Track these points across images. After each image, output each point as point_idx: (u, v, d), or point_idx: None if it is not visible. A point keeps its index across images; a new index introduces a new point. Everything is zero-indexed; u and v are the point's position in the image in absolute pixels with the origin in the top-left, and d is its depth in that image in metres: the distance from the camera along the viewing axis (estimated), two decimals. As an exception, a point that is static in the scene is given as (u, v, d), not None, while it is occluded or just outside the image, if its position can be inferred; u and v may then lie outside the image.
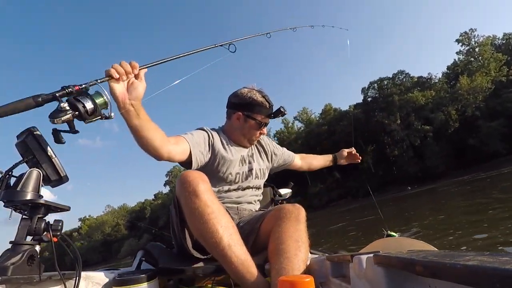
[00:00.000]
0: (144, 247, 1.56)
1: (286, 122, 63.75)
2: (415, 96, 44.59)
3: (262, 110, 1.61)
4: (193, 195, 1.17)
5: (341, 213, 23.59)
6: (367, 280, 0.78)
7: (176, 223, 1.37)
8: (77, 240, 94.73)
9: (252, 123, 1.60)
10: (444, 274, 0.46)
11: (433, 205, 12.93)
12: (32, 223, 0.99)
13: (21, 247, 0.96)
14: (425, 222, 8.16)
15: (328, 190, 48.35)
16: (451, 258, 0.48)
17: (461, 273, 0.42)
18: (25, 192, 1.00)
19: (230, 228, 1.19)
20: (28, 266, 0.95)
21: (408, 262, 0.57)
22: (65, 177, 1.13)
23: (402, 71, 50.45)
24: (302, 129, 62.10)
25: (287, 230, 1.22)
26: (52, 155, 1.09)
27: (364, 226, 11.10)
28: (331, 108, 58.09)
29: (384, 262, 0.69)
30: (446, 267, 0.45)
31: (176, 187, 1.28)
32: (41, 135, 1.09)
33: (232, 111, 1.64)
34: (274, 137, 63.45)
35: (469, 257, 0.47)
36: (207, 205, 1.17)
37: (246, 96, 1.60)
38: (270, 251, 1.22)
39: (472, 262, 0.42)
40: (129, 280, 1.09)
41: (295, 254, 1.15)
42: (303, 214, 1.32)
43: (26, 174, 1.03)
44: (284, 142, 61.26)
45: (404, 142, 43.69)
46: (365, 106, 50.27)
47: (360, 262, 0.82)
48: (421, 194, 22.51)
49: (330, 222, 16.49)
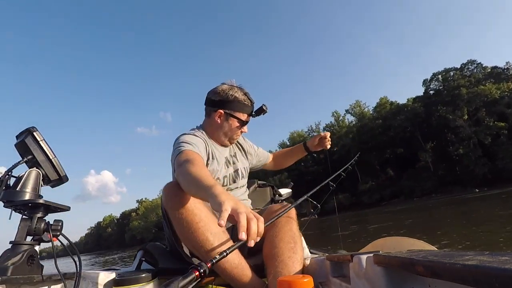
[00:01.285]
0: (144, 247, 1.56)
1: (337, 115, 60.81)
2: (487, 88, 39.09)
3: (244, 108, 1.53)
4: (179, 205, 1.14)
5: (392, 213, 21.14)
6: (367, 280, 0.78)
7: (169, 235, 1.33)
8: (134, 220, 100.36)
9: (234, 122, 1.52)
10: (443, 274, 0.46)
11: (505, 211, 10.82)
12: (32, 223, 0.99)
13: (21, 247, 0.96)
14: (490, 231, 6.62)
15: (380, 188, 45.08)
16: (451, 258, 0.48)
17: (460, 273, 0.42)
18: (24, 192, 1.00)
19: (220, 234, 1.16)
20: (28, 266, 0.95)
21: (408, 262, 0.57)
22: (64, 177, 1.13)
23: (472, 61, 44.97)
24: (354, 123, 57.57)
25: (279, 232, 1.20)
26: (51, 155, 1.09)
27: (411, 228, 10.37)
28: (387, 102, 53.21)
29: (384, 262, 0.69)
30: (446, 267, 0.45)
31: (162, 199, 1.24)
32: (40, 135, 1.09)
33: (212, 109, 1.53)
34: (324, 131, 57.98)
35: (468, 256, 0.47)
36: (194, 213, 1.14)
37: (227, 93, 1.50)
38: (265, 255, 1.20)
39: (472, 262, 0.42)
40: (129, 280, 1.09)
41: (289, 256, 1.14)
42: (293, 213, 1.29)
43: (26, 174, 1.03)
44: (334, 136, 57.41)
45: (471, 140, 38.98)
46: (426, 100, 45.57)
47: (360, 262, 0.82)
48: (492, 198, 19.06)
49: (376, 221, 15.68)
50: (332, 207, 3.89)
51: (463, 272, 0.41)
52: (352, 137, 52.50)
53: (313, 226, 24.73)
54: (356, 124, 56.32)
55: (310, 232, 17.84)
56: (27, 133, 1.07)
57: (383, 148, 48.60)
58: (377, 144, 48.53)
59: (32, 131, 1.07)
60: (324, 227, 17.91)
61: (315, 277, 1.03)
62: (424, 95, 47.40)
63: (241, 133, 1.60)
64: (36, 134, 1.08)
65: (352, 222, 16.73)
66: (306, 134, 64.72)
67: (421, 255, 0.57)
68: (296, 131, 68.37)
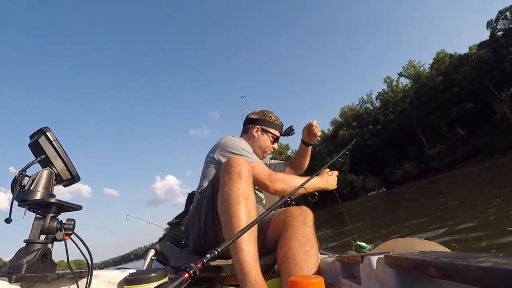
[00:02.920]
0: (155, 246, 1.58)
1: (389, 81, 55.60)
2: None
3: (276, 127, 1.91)
4: (237, 175, 1.19)
5: (473, 173, 18.10)
6: (377, 281, 0.77)
7: (205, 214, 1.39)
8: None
9: (268, 136, 1.88)
10: (456, 276, 0.45)
11: None
12: (45, 222, 1.01)
13: (35, 245, 0.98)
14: None
15: (451, 150, 40.58)
16: (464, 259, 0.47)
17: (474, 275, 0.41)
18: (37, 191, 1.02)
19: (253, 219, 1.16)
20: (42, 264, 0.97)
21: (420, 263, 0.56)
22: (76, 176, 1.15)
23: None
24: (410, 86, 52.62)
25: (295, 235, 1.20)
26: (63, 155, 1.11)
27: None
28: (445, 55, 48.27)
29: (395, 263, 0.68)
30: (459, 269, 0.44)
31: (221, 168, 1.28)
32: (53, 135, 1.11)
33: (250, 126, 1.91)
34: (377, 100, 57.82)
35: (482, 258, 0.46)
36: (246, 189, 1.18)
37: (264, 113, 1.93)
38: (279, 257, 1.19)
39: (486, 264, 0.41)
40: (140, 279, 1.10)
41: (304, 259, 1.13)
42: (310, 217, 1.29)
43: (39, 173, 1.05)
44: (388, 104, 52.83)
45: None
46: (494, 43, 40.00)
47: (370, 263, 0.81)
48: None
49: (458, 186, 13.47)
50: (400, 177, 3.45)
51: (477, 274, 0.40)
52: (409, 101, 47.89)
53: (378, 200, 23.82)
54: (412, 87, 51.23)
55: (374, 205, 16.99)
56: (40, 133, 1.09)
57: (448, 107, 44.36)
58: (440, 103, 44.44)
59: (45, 131, 1.09)
60: (392, 200, 16.64)
61: (325, 278, 1.02)
62: (490, 38, 41.29)
63: (272, 150, 1.93)
64: (49, 134, 1.09)
65: (425, 193, 15.10)
66: (358, 107, 62.02)
67: (433, 256, 0.56)
68: (346, 105, 65.59)
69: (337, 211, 18.00)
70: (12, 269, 0.91)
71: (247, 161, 1.27)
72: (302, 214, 1.28)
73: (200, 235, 1.45)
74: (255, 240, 1.14)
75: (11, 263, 0.93)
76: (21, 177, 1.04)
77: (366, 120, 57.60)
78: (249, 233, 1.11)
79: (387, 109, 40.85)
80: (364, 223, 9.63)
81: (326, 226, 11.45)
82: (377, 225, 8.10)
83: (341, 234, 7.84)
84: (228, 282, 1.48)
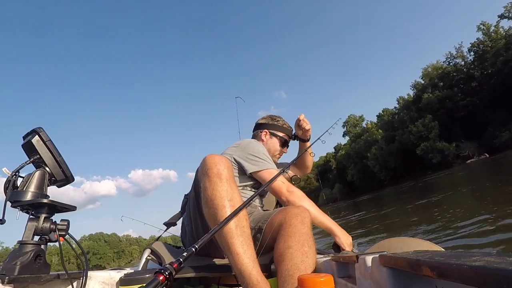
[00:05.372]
0: (150, 246, 1.57)
1: (486, 27, 43.27)
2: None
3: (284, 130, 1.98)
4: (217, 177, 1.15)
5: None
6: (373, 281, 0.77)
7: (194, 216, 1.43)
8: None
9: (276, 139, 1.95)
10: (450, 275, 0.46)
11: None
12: (39, 223, 1.00)
13: (28, 246, 0.97)
14: None
15: None
16: (458, 258, 0.47)
17: (468, 274, 0.41)
18: (30, 192, 1.01)
19: (243, 220, 1.14)
20: (36, 265, 0.96)
21: (414, 263, 0.56)
22: (70, 177, 1.14)
23: None
24: None
25: (293, 234, 1.18)
26: (57, 155, 1.10)
27: None
28: None
29: (390, 263, 0.68)
30: (453, 268, 0.45)
31: (199, 169, 1.25)
32: (47, 136, 1.10)
33: (259, 131, 1.98)
34: (470, 52, 45.70)
35: (476, 257, 0.46)
36: (229, 190, 1.14)
37: (272, 118, 2.01)
38: (277, 256, 1.18)
39: (479, 263, 0.41)
40: (135, 279, 1.10)
41: (302, 260, 1.11)
42: (308, 217, 1.27)
43: (32, 174, 1.04)
44: (486, 56, 40.99)
45: None
46: None
47: (365, 263, 0.81)
48: None
49: None
50: (507, 140, 2.77)
51: (471, 273, 0.41)
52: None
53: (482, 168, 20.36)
54: (521, 28, 39.33)
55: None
56: (34, 133, 1.08)
57: None
58: None
59: (38, 132, 1.08)
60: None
61: None
62: None
63: (281, 153, 1.99)
64: (42, 135, 1.08)
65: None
66: (445, 65, 50.16)
67: (427, 256, 0.56)
68: (430, 64, 52.68)
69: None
70: (5, 270, 0.90)
71: (223, 157, 1.23)
72: (301, 214, 1.26)
73: (193, 235, 1.47)
74: (250, 240, 1.12)
75: (4, 264, 0.92)
76: (14, 178, 1.03)
77: (457, 78, 47.28)
78: (242, 236, 1.10)
79: (484, 61, 32.20)
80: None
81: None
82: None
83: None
84: (224, 282, 1.48)
